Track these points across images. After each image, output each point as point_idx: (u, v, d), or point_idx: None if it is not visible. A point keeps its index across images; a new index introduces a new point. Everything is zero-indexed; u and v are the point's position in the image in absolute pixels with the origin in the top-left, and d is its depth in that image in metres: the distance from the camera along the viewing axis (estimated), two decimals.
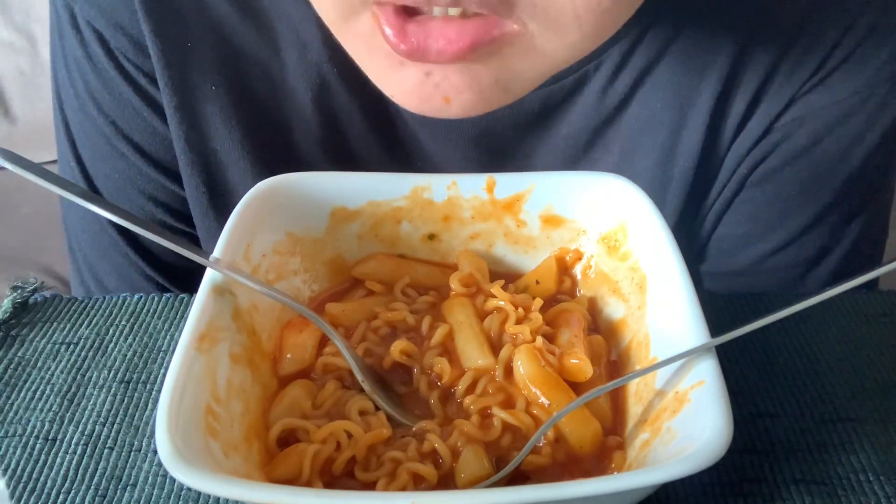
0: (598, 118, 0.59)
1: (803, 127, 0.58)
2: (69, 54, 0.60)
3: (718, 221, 0.64)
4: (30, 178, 0.40)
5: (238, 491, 0.33)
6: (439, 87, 0.40)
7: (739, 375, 0.51)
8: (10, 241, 1.28)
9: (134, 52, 0.58)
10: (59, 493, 0.44)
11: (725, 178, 0.61)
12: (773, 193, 0.61)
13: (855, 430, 0.47)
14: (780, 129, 0.58)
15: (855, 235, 0.63)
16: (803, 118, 0.58)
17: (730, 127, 0.58)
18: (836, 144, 0.58)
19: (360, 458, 0.41)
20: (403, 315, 0.49)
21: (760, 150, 0.59)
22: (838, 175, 0.60)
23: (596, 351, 0.47)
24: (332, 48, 0.57)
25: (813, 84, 0.57)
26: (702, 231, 0.65)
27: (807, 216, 0.62)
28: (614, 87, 0.58)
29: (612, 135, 0.60)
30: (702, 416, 0.37)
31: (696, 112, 0.58)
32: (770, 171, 0.60)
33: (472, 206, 0.53)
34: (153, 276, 0.66)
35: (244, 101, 0.59)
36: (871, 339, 0.54)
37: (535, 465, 0.42)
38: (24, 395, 0.50)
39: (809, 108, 0.57)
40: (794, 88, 0.57)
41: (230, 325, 0.43)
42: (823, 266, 0.64)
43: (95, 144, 0.62)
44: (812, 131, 0.58)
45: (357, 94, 0.59)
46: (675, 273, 0.44)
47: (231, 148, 0.60)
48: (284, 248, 0.50)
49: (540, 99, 0.58)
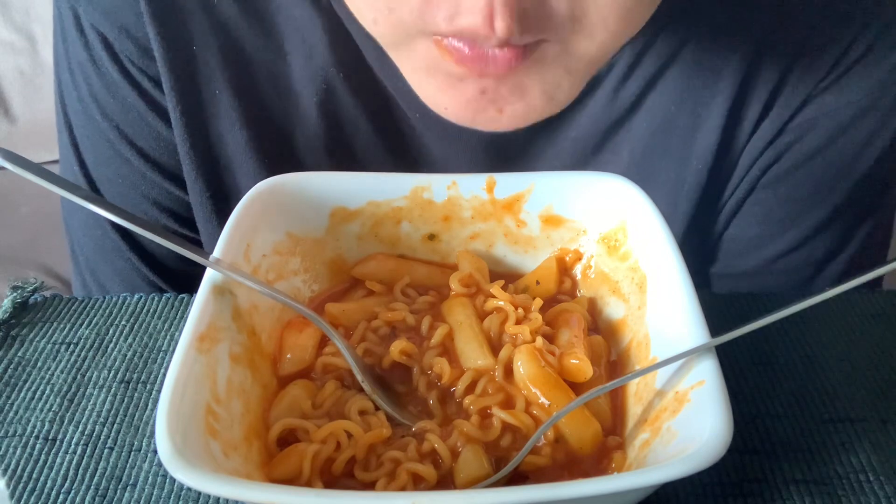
0: (608, 120, 0.59)
1: (816, 128, 0.58)
2: (73, 57, 0.60)
3: (729, 223, 0.64)
4: (30, 178, 0.40)
5: (238, 491, 0.33)
6: (494, 102, 0.43)
7: (739, 375, 0.51)
8: (10, 241, 1.28)
9: (139, 55, 0.58)
10: (59, 493, 0.44)
11: (738, 180, 0.61)
12: (785, 195, 0.61)
13: (855, 430, 0.47)
14: (794, 130, 0.58)
15: (864, 237, 0.63)
16: (816, 119, 0.58)
17: (745, 128, 0.58)
18: (849, 146, 0.59)
19: (359, 458, 0.41)
20: (403, 315, 0.49)
21: (773, 150, 0.59)
22: (850, 176, 0.60)
23: (596, 351, 0.47)
24: (337, 53, 0.57)
25: (826, 85, 0.57)
26: (713, 232, 0.64)
27: (818, 217, 0.62)
28: (626, 88, 0.58)
29: (623, 137, 0.60)
30: (702, 417, 0.37)
31: (710, 114, 0.58)
32: (783, 172, 0.60)
33: (472, 206, 0.53)
34: (155, 281, 0.66)
35: (249, 105, 0.59)
36: (872, 338, 0.54)
37: (534, 466, 0.42)
38: (24, 395, 0.50)
39: (822, 109, 0.57)
40: (808, 89, 0.57)
41: (230, 325, 0.43)
42: (832, 267, 0.64)
43: (99, 148, 0.62)
44: (825, 132, 0.58)
45: (363, 100, 0.59)
46: (675, 273, 0.44)
47: (235, 152, 0.60)
48: (284, 248, 0.50)
49: None
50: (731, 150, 0.59)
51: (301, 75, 0.58)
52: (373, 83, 0.58)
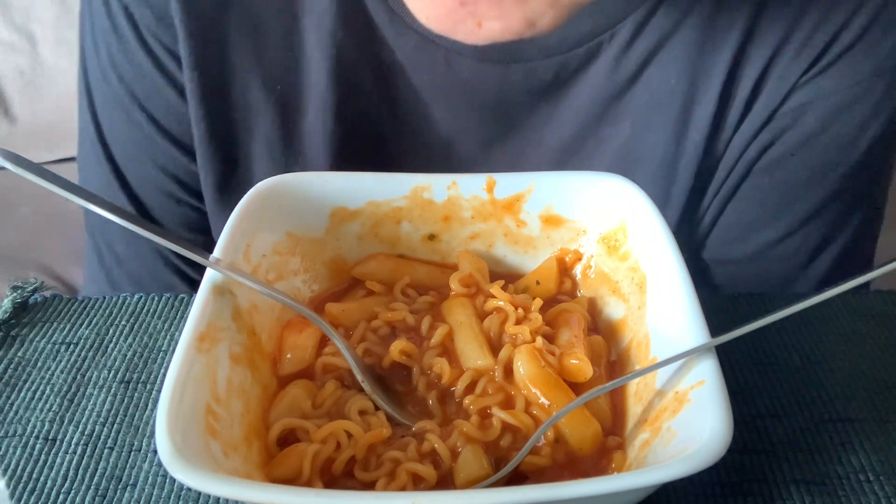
0: (610, 90, 0.59)
1: (811, 112, 0.58)
2: (96, 24, 0.63)
3: (724, 207, 0.64)
4: (30, 178, 0.40)
5: (238, 491, 0.33)
6: (473, 15, 0.42)
7: (739, 375, 0.51)
8: (10, 241, 1.28)
9: (157, 25, 0.60)
10: (59, 493, 0.44)
11: (732, 161, 0.61)
12: (781, 179, 0.61)
13: (855, 430, 0.47)
14: (789, 113, 0.58)
15: (856, 225, 0.63)
16: (811, 103, 0.58)
17: (739, 101, 0.59)
18: (844, 130, 0.59)
19: (359, 458, 0.41)
20: (403, 315, 0.49)
21: (769, 133, 0.59)
22: (845, 162, 0.60)
23: (596, 351, 0.47)
24: (348, 17, 0.58)
25: (821, 68, 0.57)
26: (706, 217, 0.65)
27: (813, 203, 0.62)
28: (628, 57, 0.58)
29: (624, 108, 0.60)
30: (702, 416, 0.37)
31: (708, 85, 0.58)
32: (779, 156, 0.60)
33: (472, 206, 0.53)
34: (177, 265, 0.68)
35: (265, 72, 0.60)
36: (871, 338, 0.54)
37: (534, 466, 0.42)
38: (24, 395, 0.50)
39: (818, 92, 0.57)
40: (801, 68, 0.57)
41: (230, 325, 0.43)
42: (826, 255, 0.64)
43: (114, 112, 0.65)
44: (820, 116, 0.58)
45: (372, 65, 0.60)
46: (675, 273, 0.44)
47: (247, 118, 0.61)
48: (284, 248, 0.50)
49: (553, 67, 0.58)
50: (725, 124, 0.60)
51: (313, 39, 0.59)
52: (381, 48, 0.59)
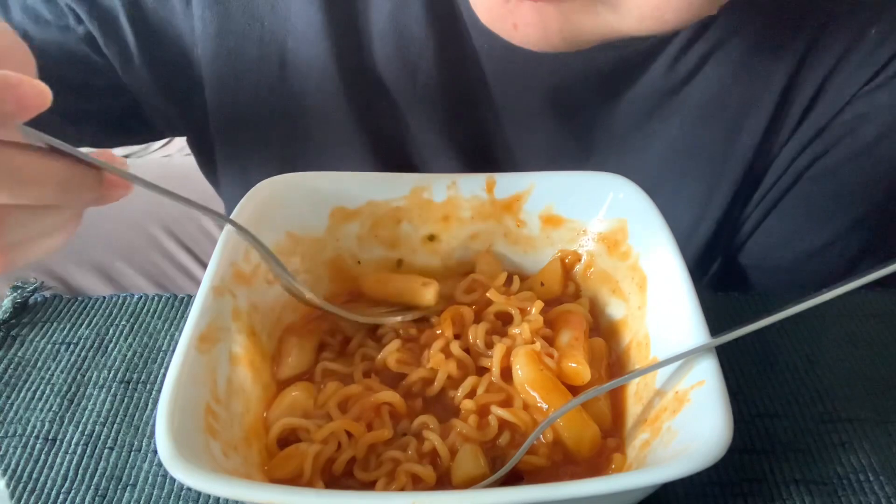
0: (666, 86, 0.59)
1: (867, 124, 0.58)
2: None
3: (768, 213, 0.64)
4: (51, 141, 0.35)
5: (238, 491, 0.34)
6: (512, 14, 0.43)
7: (739, 375, 0.51)
8: None
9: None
10: (59, 493, 0.44)
11: (782, 168, 0.61)
12: (829, 189, 0.61)
13: (855, 430, 0.47)
14: (844, 124, 0.59)
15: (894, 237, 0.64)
16: (867, 115, 0.58)
17: (796, 109, 0.59)
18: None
19: (360, 458, 0.41)
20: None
21: (822, 143, 0.60)
22: (892, 175, 0.60)
23: (596, 354, 0.47)
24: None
25: (880, 82, 0.57)
26: (749, 222, 0.65)
27: (857, 214, 0.62)
28: (687, 56, 0.58)
29: (678, 105, 0.60)
30: (702, 416, 0.37)
31: (766, 90, 0.58)
32: (830, 166, 0.60)
33: (472, 206, 0.53)
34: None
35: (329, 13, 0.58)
36: (871, 338, 0.54)
37: (531, 466, 0.42)
38: (24, 395, 0.50)
39: (873, 105, 0.58)
40: (861, 81, 0.57)
41: (230, 326, 0.43)
42: (863, 266, 0.64)
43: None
44: (875, 129, 0.58)
45: (435, 15, 0.58)
46: (675, 273, 0.44)
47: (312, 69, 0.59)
48: (284, 247, 0.50)
49: (613, 60, 0.58)
50: (780, 130, 0.60)
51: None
52: (447, 16, 0.58)
